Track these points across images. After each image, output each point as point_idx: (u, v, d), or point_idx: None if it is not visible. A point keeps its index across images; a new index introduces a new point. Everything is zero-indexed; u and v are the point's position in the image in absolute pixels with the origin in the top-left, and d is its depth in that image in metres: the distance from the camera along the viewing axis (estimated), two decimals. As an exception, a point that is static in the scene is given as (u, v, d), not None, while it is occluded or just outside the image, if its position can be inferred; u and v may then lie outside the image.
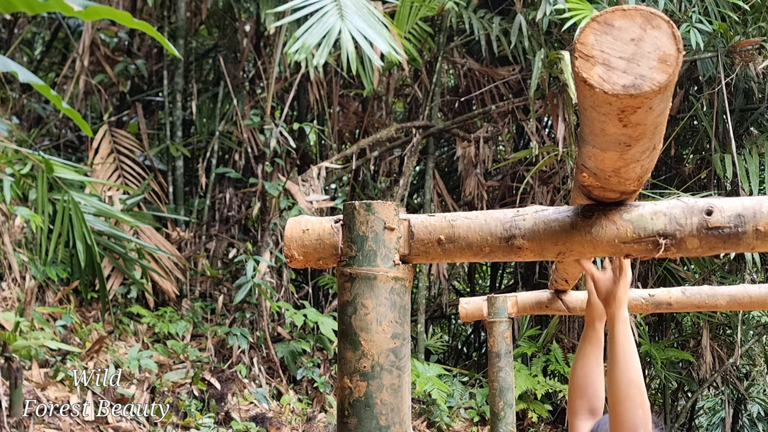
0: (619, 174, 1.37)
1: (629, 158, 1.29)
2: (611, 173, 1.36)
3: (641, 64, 1.07)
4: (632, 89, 1.07)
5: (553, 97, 6.52)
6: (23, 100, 7.73)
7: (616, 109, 1.11)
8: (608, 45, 1.09)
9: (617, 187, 1.44)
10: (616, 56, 1.09)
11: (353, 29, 5.02)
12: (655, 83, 1.07)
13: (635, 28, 1.09)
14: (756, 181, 6.74)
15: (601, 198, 1.51)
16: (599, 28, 1.10)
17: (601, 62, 1.09)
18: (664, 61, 1.07)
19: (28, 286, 5.58)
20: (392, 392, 1.50)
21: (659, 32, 1.08)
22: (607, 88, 1.08)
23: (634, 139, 1.21)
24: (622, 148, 1.25)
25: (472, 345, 9.84)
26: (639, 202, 1.54)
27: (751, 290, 3.21)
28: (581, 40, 1.10)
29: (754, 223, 1.42)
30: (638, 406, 1.75)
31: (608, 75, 1.08)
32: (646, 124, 1.17)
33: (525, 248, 1.56)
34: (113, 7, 3.74)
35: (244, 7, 7.64)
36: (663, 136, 1.28)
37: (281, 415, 6.28)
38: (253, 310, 6.80)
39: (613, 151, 1.26)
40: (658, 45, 1.07)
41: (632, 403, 1.75)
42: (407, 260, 1.59)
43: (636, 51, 1.08)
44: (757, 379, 10.06)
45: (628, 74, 1.08)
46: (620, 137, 1.20)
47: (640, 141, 1.22)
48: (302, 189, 7.00)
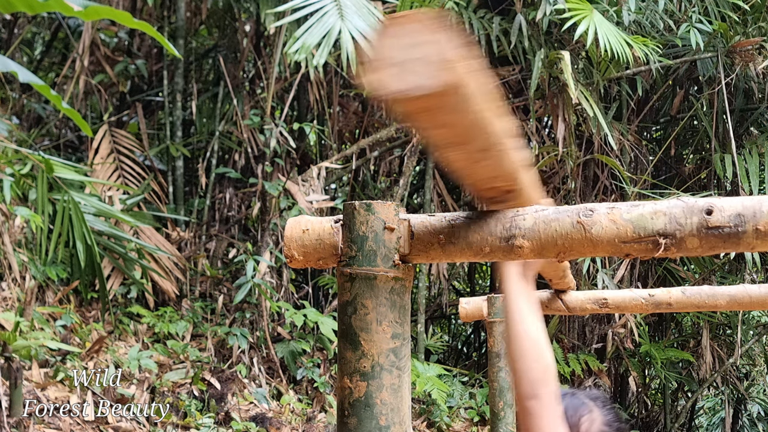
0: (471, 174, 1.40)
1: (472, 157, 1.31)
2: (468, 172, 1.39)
3: (419, 69, 1.08)
4: (409, 93, 1.07)
5: (553, 97, 6.52)
6: (23, 100, 7.73)
7: (410, 109, 1.12)
8: (389, 49, 1.09)
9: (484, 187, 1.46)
10: (397, 60, 1.09)
11: (353, 29, 5.02)
12: (430, 87, 1.07)
13: (416, 33, 1.09)
14: (756, 181, 6.74)
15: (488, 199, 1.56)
16: (383, 33, 1.11)
17: (382, 66, 1.09)
18: (442, 66, 1.07)
19: (28, 286, 5.58)
20: (392, 392, 1.50)
21: (438, 38, 1.08)
22: (385, 91, 1.09)
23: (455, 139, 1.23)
24: (458, 148, 1.27)
25: (472, 345, 9.84)
26: (639, 201, 1.54)
27: (751, 290, 3.21)
28: None
29: (754, 223, 1.42)
30: (533, 360, 1.70)
31: (388, 78, 1.09)
32: (460, 124, 1.18)
33: (525, 248, 1.56)
34: (113, 7, 3.75)
35: (244, 7, 7.64)
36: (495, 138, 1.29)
37: (281, 415, 6.28)
38: (253, 310, 6.80)
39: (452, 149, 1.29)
40: (437, 50, 1.07)
41: (527, 358, 1.70)
42: (407, 260, 1.59)
43: (415, 55, 1.08)
44: (757, 379, 10.06)
45: (406, 78, 1.08)
46: (443, 137, 1.22)
47: (471, 141, 1.24)
48: (302, 189, 7.00)
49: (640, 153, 7.55)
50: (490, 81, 1.22)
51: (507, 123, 1.34)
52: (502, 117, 1.30)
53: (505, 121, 1.32)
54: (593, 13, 5.73)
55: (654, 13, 6.70)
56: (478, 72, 1.15)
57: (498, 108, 1.26)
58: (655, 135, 8.68)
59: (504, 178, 1.47)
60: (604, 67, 6.68)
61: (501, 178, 1.47)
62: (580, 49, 6.81)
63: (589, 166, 7.57)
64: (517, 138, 1.46)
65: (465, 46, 1.10)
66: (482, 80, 1.18)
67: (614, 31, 5.80)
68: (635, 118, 7.74)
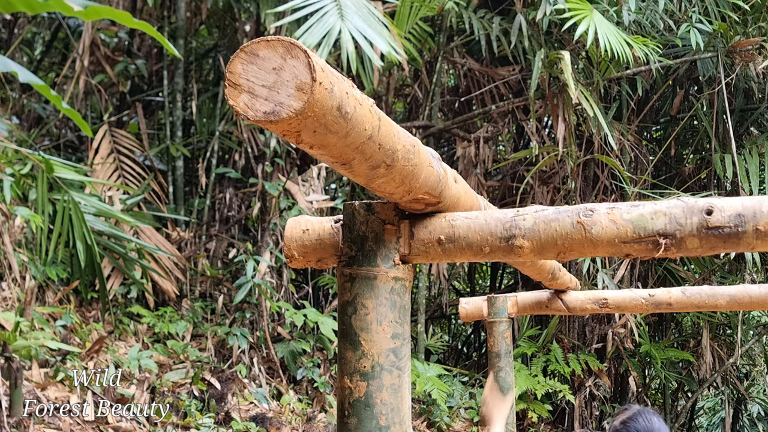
0: (377, 188, 1.43)
1: (367, 174, 1.34)
2: (370, 186, 1.43)
3: (281, 92, 1.11)
4: (272, 116, 1.11)
5: (553, 97, 6.52)
6: (23, 100, 7.73)
7: (279, 132, 1.15)
8: (253, 74, 1.13)
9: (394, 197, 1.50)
10: (260, 84, 1.13)
11: (353, 29, 5.02)
12: (292, 110, 1.10)
13: (277, 57, 1.12)
14: (756, 181, 6.74)
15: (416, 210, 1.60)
16: (246, 58, 1.14)
17: (246, 90, 1.13)
18: (301, 89, 1.10)
19: (28, 286, 5.58)
20: (392, 392, 1.50)
21: (297, 62, 1.11)
22: (250, 114, 1.12)
23: (338, 159, 1.26)
24: (345, 167, 1.31)
25: (472, 345, 9.84)
26: (639, 201, 1.54)
27: (751, 290, 3.21)
28: (230, 69, 1.14)
29: (754, 223, 1.42)
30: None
31: (252, 102, 1.12)
32: (334, 145, 1.20)
33: (525, 248, 1.56)
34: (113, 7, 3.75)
35: (244, 7, 7.64)
36: (394, 155, 1.32)
37: (281, 415, 6.28)
38: (253, 310, 6.80)
39: (342, 168, 1.32)
40: (296, 74, 1.11)
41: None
42: (407, 260, 1.59)
43: (277, 79, 1.12)
44: (757, 379, 10.06)
45: (269, 102, 1.11)
46: (324, 157, 1.26)
47: (354, 161, 1.27)
48: (302, 189, 7.00)
49: (640, 153, 7.55)
50: (370, 101, 1.24)
51: (405, 141, 1.36)
52: (396, 135, 1.32)
53: (402, 140, 1.35)
54: (593, 13, 5.73)
55: (654, 13, 6.70)
56: (349, 94, 1.16)
57: (386, 127, 1.28)
58: (655, 135, 8.68)
59: (416, 189, 1.49)
60: (604, 67, 6.67)
61: (419, 190, 1.49)
62: (580, 49, 6.81)
63: (589, 166, 7.57)
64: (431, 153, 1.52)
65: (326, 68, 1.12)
66: (359, 102, 1.19)
67: (614, 31, 5.80)
68: (635, 118, 7.74)
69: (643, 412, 2.50)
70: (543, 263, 2.73)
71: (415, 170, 1.42)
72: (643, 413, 2.49)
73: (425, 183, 1.49)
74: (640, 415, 2.47)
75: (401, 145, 1.35)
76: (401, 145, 1.35)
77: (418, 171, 1.44)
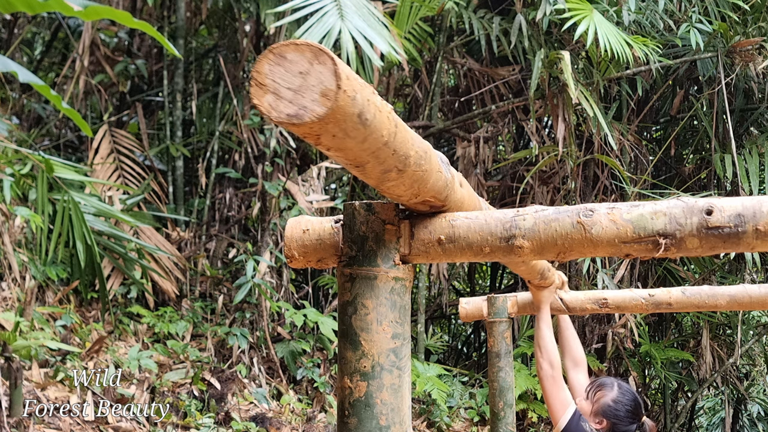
0: (385, 191, 1.46)
1: (378, 177, 1.37)
2: (379, 188, 1.45)
3: (305, 96, 1.13)
4: (295, 119, 1.13)
5: (553, 97, 6.52)
6: (23, 100, 7.73)
7: (299, 134, 1.18)
8: (280, 75, 1.15)
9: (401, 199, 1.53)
10: (285, 86, 1.14)
11: (353, 29, 5.02)
12: (315, 115, 1.12)
13: (304, 62, 1.14)
14: (756, 181, 6.74)
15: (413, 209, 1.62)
16: (274, 59, 1.16)
17: (272, 91, 1.15)
18: (325, 95, 1.12)
19: (28, 286, 5.58)
20: (392, 392, 1.50)
21: (324, 68, 1.13)
22: (274, 115, 1.14)
23: (353, 162, 1.29)
24: (358, 169, 1.33)
25: (472, 345, 9.84)
26: (639, 201, 1.54)
27: (751, 290, 3.21)
28: (257, 68, 1.16)
29: (754, 223, 1.42)
30: (544, 360, 2.94)
31: (276, 103, 1.15)
32: (351, 149, 1.23)
33: (525, 248, 1.56)
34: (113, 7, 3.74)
35: (244, 7, 7.64)
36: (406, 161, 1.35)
37: (281, 415, 6.28)
38: (253, 310, 6.80)
39: (355, 170, 1.34)
40: (322, 80, 1.12)
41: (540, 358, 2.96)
42: (407, 260, 1.59)
43: (302, 83, 1.13)
44: (757, 379, 10.06)
45: (294, 104, 1.13)
46: (339, 159, 1.28)
47: (368, 164, 1.30)
48: (302, 189, 7.00)
49: (640, 153, 7.55)
50: (389, 107, 1.26)
51: (418, 147, 1.39)
52: (410, 141, 1.35)
53: (416, 146, 1.38)
54: (593, 13, 5.73)
55: (654, 13, 6.70)
56: (370, 101, 1.18)
57: (401, 134, 1.31)
58: (655, 135, 8.68)
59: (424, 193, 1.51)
60: (604, 67, 6.68)
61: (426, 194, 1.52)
62: (580, 49, 6.81)
63: (589, 166, 7.57)
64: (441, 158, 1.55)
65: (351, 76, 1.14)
66: (379, 109, 1.21)
67: (614, 31, 5.80)
68: (635, 118, 7.74)
69: (621, 385, 2.96)
70: (535, 262, 2.80)
71: (425, 175, 1.45)
72: (622, 386, 2.95)
73: (433, 187, 1.51)
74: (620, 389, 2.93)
75: (414, 151, 1.37)
76: (414, 151, 1.37)
77: (427, 176, 1.46)
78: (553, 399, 2.82)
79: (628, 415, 2.87)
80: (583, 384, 3.17)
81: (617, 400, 2.86)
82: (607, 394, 2.89)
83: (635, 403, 2.92)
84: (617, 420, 2.85)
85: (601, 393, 2.90)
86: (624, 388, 2.94)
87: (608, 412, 2.86)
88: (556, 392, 2.79)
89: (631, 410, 2.89)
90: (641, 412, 2.95)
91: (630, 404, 2.88)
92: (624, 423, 2.86)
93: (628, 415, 2.87)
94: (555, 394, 2.80)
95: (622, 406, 2.85)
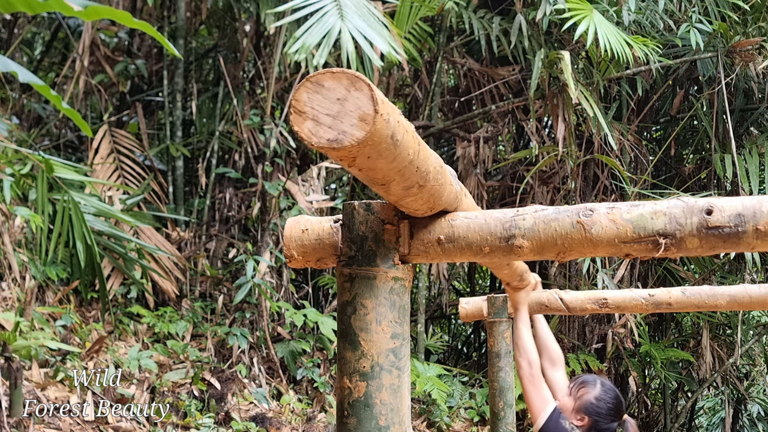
0: (404, 205, 1.50)
1: (400, 194, 1.42)
2: (399, 203, 1.50)
3: (344, 122, 1.18)
4: (335, 143, 1.18)
5: (553, 97, 6.52)
6: (23, 100, 7.73)
7: (335, 157, 1.22)
8: (318, 103, 1.20)
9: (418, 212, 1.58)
10: (324, 113, 1.20)
11: (353, 29, 5.01)
12: (355, 139, 1.17)
13: (341, 89, 1.19)
14: (756, 181, 6.74)
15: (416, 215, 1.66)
16: (311, 87, 1.21)
17: (311, 118, 1.20)
18: (363, 120, 1.17)
19: (28, 286, 5.58)
20: (392, 392, 1.50)
21: (361, 94, 1.18)
22: (314, 141, 1.20)
23: (380, 180, 1.34)
24: (383, 187, 1.38)
25: (472, 345, 9.84)
26: (639, 201, 1.54)
27: (751, 290, 3.21)
28: (296, 97, 1.21)
29: (754, 223, 1.42)
30: (523, 359, 2.94)
31: (316, 129, 1.20)
32: (381, 169, 1.28)
33: (525, 248, 1.56)
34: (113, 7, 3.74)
35: (244, 7, 7.63)
36: (427, 176, 1.41)
37: (281, 415, 6.28)
38: (253, 310, 6.79)
39: (379, 188, 1.39)
40: (359, 105, 1.17)
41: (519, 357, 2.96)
42: (407, 260, 1.59)
43: (341, 109, 1.19)
44: (757, 379, 10.06)
45: (333, 129, 1.19)
46: (370, 179, 1.33)
47: (393, 182, 1.35)
48: (302, 189, 7.00)
49: (640, 153, 7.55)
50: (412, 126, 1.32)
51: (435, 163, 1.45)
52: (430, 158, 1.42)
53: (433, 161, 1.44)
54: (593, 13, 5.73)
55: (654, 13, 6.70)
56: (399, 122, 1.24)
57: (423, 151, 1.37)
58: (655, 135, 8.68)
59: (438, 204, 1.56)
60: (604, 67, 6.67)
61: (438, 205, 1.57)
62: (580, 49, 6.81)
63: (589, 166, 7.57)
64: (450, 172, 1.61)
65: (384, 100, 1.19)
66: (405, 129, 1.27)
67: (614, 31, 5.80)
68: (635, 118, 7.74)
69: (603, 383, 2.99)
70: (517, 265, 2.87)
71: (441, 189, 1.51)
72: (604, 384, 2.98)
73: (446, 200, 1.57)
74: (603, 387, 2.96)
75: (432, 167, 1.43)
76: (432, 167, 1.43)
77: (443, 189, 1.52)
78: (532, 397, 2.88)
79: (610, 413, 2.91)
80: (561, 382, 3.20)
81: (600, 397, 2.90)
82: (590, 392, 2.92)
83: (617, 401, 2.95)
84: (599, 417, 2.89)
85: (584, 390, 2.94)
86: (607, 386, 2.97)
87: (590, 409, 2.89)
88: (535, 391, 2.85)
89: (613, 408, 2.92)
90: (623, 410, 2.99)
91: (612, 402, 2.91)
92: (605, 420, 2.89)
93: (610, 413, 2.91)
94: (534, 393, 2.86)
95: (605, 403, 2.88)
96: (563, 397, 3.02)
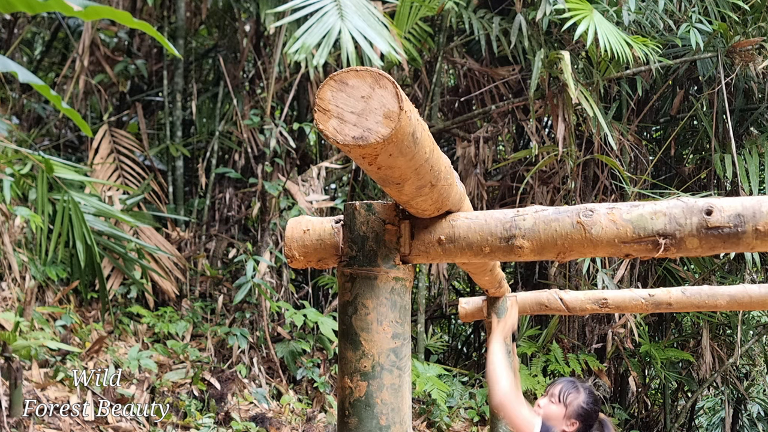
0: (413, 206, 1.51)
1: (412, 193, 1.43)
2: (408, 203, 1.51)
3: (369, 119, 1.19)
4: (360, 141, 1.19)
5: (553, 97, 6.52)
6: (23, 100, 7.73)
7: (358, 155, 1.23)
8: (342, 101, 1.21)
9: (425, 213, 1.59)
10: (349, 111, 1.20)
11: (353, 29, 5.02)
12: (380, 136, 1.18)
13: (366, 86, 1.20)
14: (756, 181, 6.74)
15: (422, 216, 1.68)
16: (335, 86, 1.21)
17: (336, 116, 1.21)
18: (388, 117, 1.18)
19: (28, 286, 5.58)
20: (393, 392, 1.50)
21: (385, 91, 1.19)
22: (339, 139, 1.20)
23: (397, 179, 1.34)
24: (397, 186, 1.39)
25: (472, 345, 9.84)
26: (639, 201, 1.54)
27: (751, 290, 3.22)
28: (320, 95, 1.22)
29: (754, 223, 1.42)
30: (495, 385, 2.91)
31: (341, 127, 1.20)
32: (399, 167, 1.29)
33: (525, 248, 1.57)
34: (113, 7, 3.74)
35: (244, 7, 7.64)
36: (438, 175, 1.42)
37: (281, 415, 6.28)
38: (253, 310, 6.80)
39: (393, 187, 1.40)
40: (384, 102, 1.18)
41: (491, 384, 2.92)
42: (407, 260, 1.59)
43: (365, 107, 1.19)
44: (757, 379, 10.06)
45: (358, 127, 1.19)
46: (386, 178, 1.34)
47: (408, 181, 1.36)
48: (302, 189, 7.00)
49: (640, 153, 7.55)
50: (425, 125, 1.34)
51: (445, 162, 1.47)
52: (441, 157, 1.44)
53: (444, 161, 1.46)
54: (593, 13, 5.73)
55: (654, 13, 6.70)
56: (418, 120, 1.26)
57: (436, 150, 1.39)
58: (655, 135, 8.68)
59: (445, 204, 1.58)
60: (604, 67, 6.68)
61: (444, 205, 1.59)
62: (580, 49, 6.81)
63: (589, 166, 7.57)
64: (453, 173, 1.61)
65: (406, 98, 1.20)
66: (422, 127, 1.29)
67: (614, 31, 5.80)
68: (635, 118, 7.74)
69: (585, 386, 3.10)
70: (497, 273, 2.99)
71: (450, 189, 1.52)
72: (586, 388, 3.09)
73: (453, 200, 1.58)
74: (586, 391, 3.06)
75: (443, 166, 1.45)
76: (443, 166, 1.45)
77: (451, 189, 1.54)
78: (518, 419, 2.91)
79: (595, 415, 3.08)
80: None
81: (587, 401, 3.04)
82: (578, 397, 3.05)
83: (598, 403, 3.13)
84: (589, 420, 3.04)
85: (573, 396, 3.05)
86: (588, 389, 3.11)
87: (581, 414, 3.02)
88: (518, 410, 2.89)
89: (597, 410, 3.09)
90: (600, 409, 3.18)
91: (597, 405, 3.09)
92: (591, 422, 3.06)
93: (595, 415, 3.08)
94: (517, 413, 2.90)
95: (591, 406, 3.04)
96: (546, 405, 3.10)
